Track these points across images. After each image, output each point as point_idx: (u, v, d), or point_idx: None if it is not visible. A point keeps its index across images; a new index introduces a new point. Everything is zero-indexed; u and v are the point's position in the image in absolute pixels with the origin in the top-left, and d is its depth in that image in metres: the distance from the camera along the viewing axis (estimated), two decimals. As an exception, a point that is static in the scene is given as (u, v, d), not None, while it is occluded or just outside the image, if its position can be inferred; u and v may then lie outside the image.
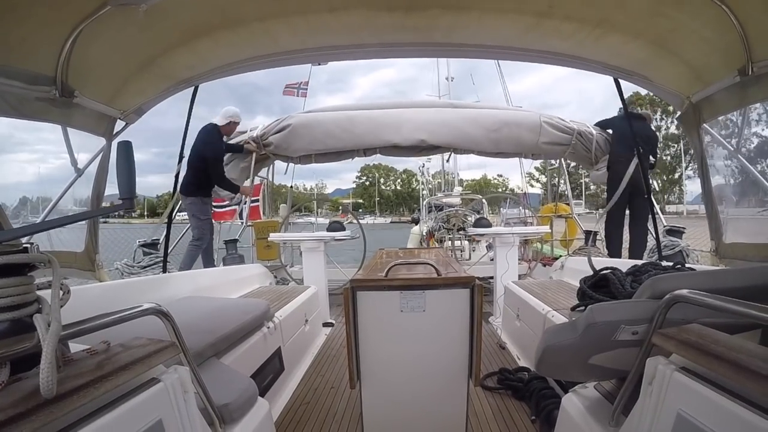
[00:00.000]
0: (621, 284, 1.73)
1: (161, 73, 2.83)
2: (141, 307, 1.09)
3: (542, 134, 4.81)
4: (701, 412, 0.89)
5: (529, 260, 5.94)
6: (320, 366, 3.23)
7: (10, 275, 0.85)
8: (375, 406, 1.81)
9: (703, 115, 2.78)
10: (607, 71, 3.09)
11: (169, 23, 2.36)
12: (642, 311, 1.20)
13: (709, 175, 2.90)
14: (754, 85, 2.32)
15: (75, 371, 0.84)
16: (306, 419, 2.41)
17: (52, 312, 0.83)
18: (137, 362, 0.93)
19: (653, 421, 1.03)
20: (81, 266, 2.93)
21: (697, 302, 1.02)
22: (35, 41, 2.05)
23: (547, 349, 1.41)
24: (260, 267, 4.71)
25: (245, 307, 2.41)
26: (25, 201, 3.75)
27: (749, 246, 2.65)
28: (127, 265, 3.94)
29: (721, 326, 1.07)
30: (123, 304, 1.09)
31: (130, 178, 1.10)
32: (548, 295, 3.03)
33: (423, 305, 1.71)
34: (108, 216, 5.25)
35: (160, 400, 0.98)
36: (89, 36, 2.13)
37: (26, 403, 0.71)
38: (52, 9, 1.94)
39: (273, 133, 4.90)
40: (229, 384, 1.56)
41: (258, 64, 3.06)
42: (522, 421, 2.31)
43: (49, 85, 2.24)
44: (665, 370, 1.02)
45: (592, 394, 1.55)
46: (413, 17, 2.55)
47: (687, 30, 2.37)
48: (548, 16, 2.49)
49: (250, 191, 5.39)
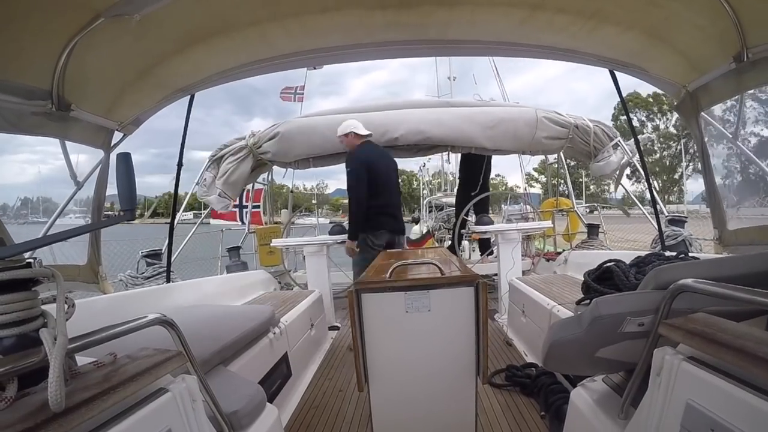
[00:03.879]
0: (625, 276, 1.73)
1: (157, 83, 2.84)
2: (146, 317, 1.09)
3: (539, 129, 4.81)
4: (710, 401, 0.89)
5: (533, 256, 5.94)
6: (327, 370, 3.23)
7: (15, 291, 0.86)
8: (384, 408, 1.81)
9: (701, 104, 2.77)
10: (603, 64, 3.09)
11: (164, 32, 2.36)
12: (647, 302, 1.20)
13: (710, 163, 2.89)
14: (750, 70, 2.32)
15: (82, 384, 0.84)
16: (315, 423, 2.41)
17: (58, 326, 0.83)
18: (144, 373, 0.93)
19: (662, 411, 1.03)
20: (85, 279, 2.93)
21: (702, 291, 1.02)
22: (30, 55, 2.05)
23: (553, 344, 1.41)
24: (264, 273, 4.72)
25: (250, 314, 2.41)
26: (26, 215, 3.76)
27: (754, 230, 2.64)
28: (130, 277, 3.94)
29: (727, 314, 1.06)
30: (128, 315, 1.09)
31: (131, 190, 1.10)
32: (553, 289, 3.02)
33: (428, 305, 1.71)
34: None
35: (168, 410, 0.98)
36: (84, 48, 2.13)
37: (35, 417, 0.71)
38: (46, 22, 1.94)
39: (268, 139, 4.89)
40: (237, 391, 1.56)
41: (254, 69, 3.06)
42: (531, 417, 2.31)
43: (45, 99, 2.24)
44: (673, 360, 1.02)
45: (600, 388, 1.54)
46: (406, 14, 2.55)
47: (681, 19, 2.37)
48: (541, 9, 2.50)
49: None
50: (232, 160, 5.03)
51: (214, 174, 4.96)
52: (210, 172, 4.96)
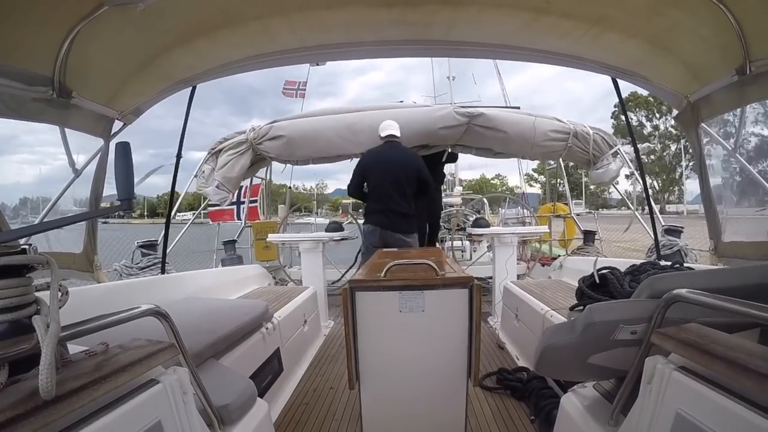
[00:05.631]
0: (620, 284, 1.73)
1: (159, 73, 2.83)
2: (139, 308, 1.08)
3: (537, 136, 4.80)
4: (700, 411, 0.89)
5: (528, 260, 5.94)
6: (319, 366, 3.23)
7: (9, 277, 0.85)
8: (374, 407, 1.81)
9: (702, 115, 2.78)
10: (606, 71, 3.09)
11: (167, 23, 2.35)
12: (641, 311, 1.20)
13: (707, 174, 2.90)
14: (752, 84, 2.32)
15: (74, 373, 0.83)
16: (305, 420, 2.41)
17: (51, 313, 0.83)
18: (136, 363, 0.93)
19: (652, 420, 1.03)
20: (80, 267, 2.92)
21: (695, 302, 1.02)
22: (32, 42, 2.04)
23: (546, 349, 1.41)
24: (259, 268, 4.71)
25: (244, 308, 2.41)
26: (25, 201, 3.74)
27: (748, 245, 2.65)
28: (125, 266, 3.92)
29: (720, 325, 1.07)
30: (122, 305, 1.09)
31: (128, 179, 1.10)
32: (547, 294, 3.03)
33: (422, 305, 1.71)
34: (108, 216, 5.22)
35: (159, 401, 0.98)
36: (86, 36, 2.12)
37: (25, 404, 0.71)
38: (49, 10, 1.93)
39: (270, 139, 4.86)
40: (228, 385, 1.56)
41: (256, 63, 3.05)
42: (521, 421, 2.31)
43: (46, 86, 2.23)
44: (664, 369, 1.02)
45: (591, 394, 1.55)
46: (411, 13, 2.55)
47: (685, 29, 2.38)
48: (546, 13, 2.50)
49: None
50: (231, 153, 5.00)
51: (213, 166, 4.93)
52: (209, 164, 4.94)
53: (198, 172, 5.02)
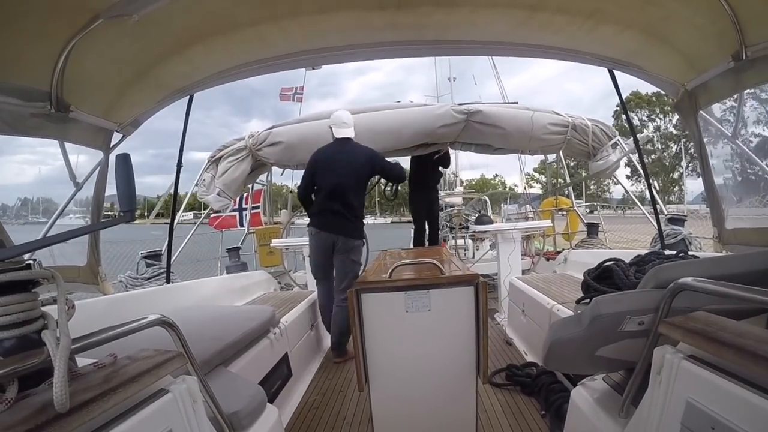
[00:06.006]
0: (625, 275, 1.73)
1: (156, 84, 2.83)
2: (146, 318, 1.09)
3: (537, 128, 4.80)
4: (711, 399, 0.89)
5: (532, 255, 5.93)
6: (327, 370, 3.23)
7: (15, 292, 0.86)
8: (384, 408, 1.81)
9: (699, 102, 2.77)
10: (602, 63, 3.09)
11: (162, 32, 2.36)
12: (647, 301, 1.20)
13: (708, 162, 2.89)
14: (749, 69, 2.32)
15: (83, 385, 0.84)
16: (316, 424, 2.41)
17: (60, 326, 0.83)
18: (145, 374, 0.93)
19: (663, 410, 1.03)
20: (85, 280, 2.93)
21: (701, 290, 1.02)
22: (29, 57, 2.05)
23: (553, 343, 1.41)
24: (264, 274, 4.72)
25: (250, 314, 2.41)
26: (26, 216, 3.76)
27: (751, 231, 2.64)
28: (130, 278, 3.94)
29: (727, 312, 1.06)
30: (128, 316, 1.09)
31: (130, 191, 1.10)
32: (553, 289, 3.03)
33: (428, 305, 1.71)
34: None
35: (169, 410, 0.98)
36: (83, 49, 2.13)
37: (36, 418, 0.71)
38: (44, 24, 1.94)
39: (269, 145, 4.86)
40: (238, 392, 1.56)
41: (252, 69, 3.06)
42: (532, 417, 2.31)
43: (44, 101, 2.24)
44: (673, 359, 1.02)
45: (600, 387, 1.55)
46: (405, 15, 2.55)
47: (679, 17, 2.37)
48: (540, 9, 2.49)
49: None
50: (231, 160, 5.01)
51: (213, 174, 4.94)
52: (209, 172, 4.95)
53: (198, 181, 5.03)
